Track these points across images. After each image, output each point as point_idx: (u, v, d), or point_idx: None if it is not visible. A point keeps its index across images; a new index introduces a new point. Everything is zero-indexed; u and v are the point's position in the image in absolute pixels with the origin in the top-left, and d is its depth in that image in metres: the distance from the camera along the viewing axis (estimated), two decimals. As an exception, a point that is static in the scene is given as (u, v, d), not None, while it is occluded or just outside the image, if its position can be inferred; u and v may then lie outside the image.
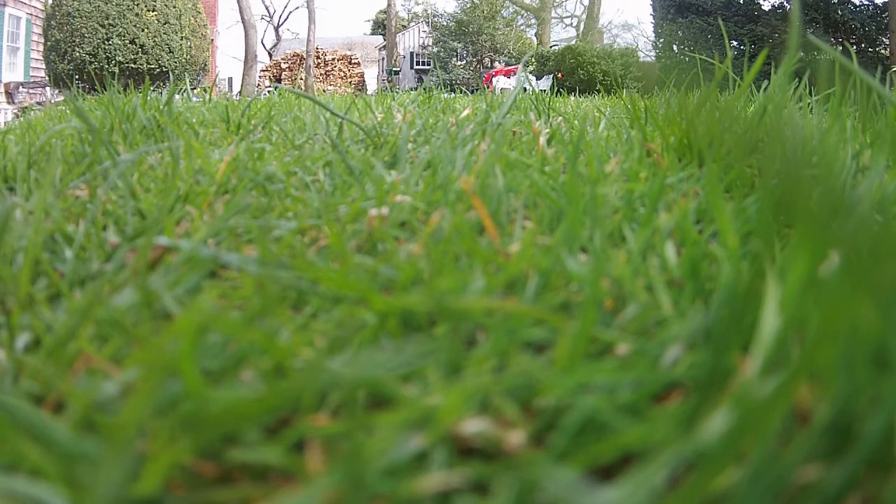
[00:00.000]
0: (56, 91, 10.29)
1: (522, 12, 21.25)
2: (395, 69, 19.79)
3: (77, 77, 9.78)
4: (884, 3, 10.80)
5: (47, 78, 10.73)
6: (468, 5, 19.96)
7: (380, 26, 27.11)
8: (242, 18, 15.65)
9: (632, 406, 0.27)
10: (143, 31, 10.48)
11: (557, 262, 0.37)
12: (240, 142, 0.96)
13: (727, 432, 0.22)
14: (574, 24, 24.66)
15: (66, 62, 10.24)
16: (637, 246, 0.42)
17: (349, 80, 19.75)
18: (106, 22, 10.30)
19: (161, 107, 1.26)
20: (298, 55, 19.73)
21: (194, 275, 0.41)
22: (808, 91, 0.92)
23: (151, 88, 1.41)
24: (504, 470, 0.24)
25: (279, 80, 19.49)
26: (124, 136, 1.10)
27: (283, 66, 20.13)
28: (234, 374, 0.30)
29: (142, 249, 0.37)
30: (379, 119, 1.26)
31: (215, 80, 5.56)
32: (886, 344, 0.24)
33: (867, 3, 10.94)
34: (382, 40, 23.74)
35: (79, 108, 0.77)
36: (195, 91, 2.82)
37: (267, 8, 26.57)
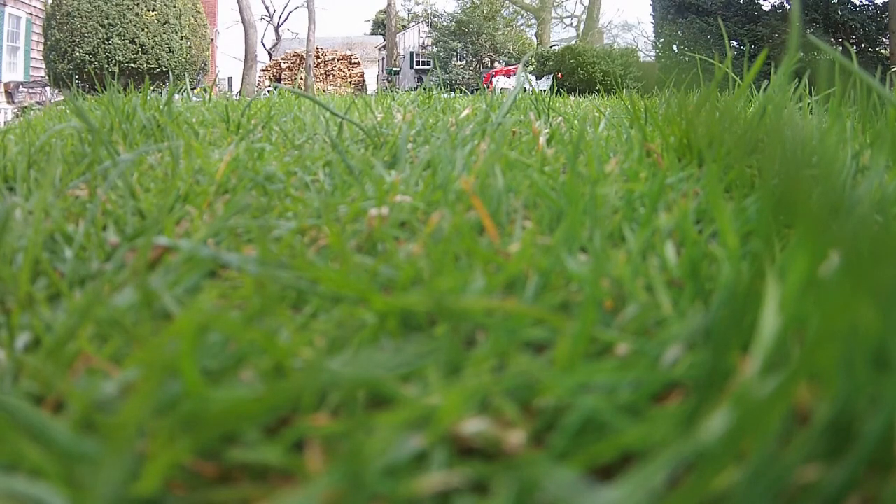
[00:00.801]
0: (56, 91, 10.29)
1: (522, 12, 21.26)
2: (395, 69, 19.79)
3: (77, 77, 9.78)
4: (884, 3, 10.80)
5: (47, 78, 10.73)
6: (468, 5, 19.97)
7: (380, 26, 27.11)
8: (242, 18, 15.65)
9: (632, 406, 0.27)
10: (143, 30, 10.49)
11: (557, 262, 0.37)
12: (240, 142, 0.96)
13: (727, 432, 0.22)
14: (574, 24, 24.67)
15: (66, 62, 10.24)
16: (637, 246, 0.42)
17: (349, 80, 19.75)
18: (106, 22, 10.30)
19: (161, 106, 1.26)
20: (298, 55, 19.73)
21: (194, 274, 0.41)
22: (808, 91, 0.92)
23: (151, 88, 1.41)
24: (504, 470, 0.24)
25: (279, 80, 19.48)
26: (124, 136, 1.10)
27: (283, 66, 20.13)
28: (234, 373, 0.30)
29: (141, 249, 0.37)
30: (379, 119, 1.26)
31: (215, 80, 5.56)
32: (886, 344, 0.24)
33: (867, 3, 10.94)
34: (382, 40, 23.75)
35: (79, 108, 0.77)
36: (195, 91, 2.82)
37: (267, 8, 26.58)
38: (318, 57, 19.27)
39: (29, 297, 0.39)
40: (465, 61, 19.99)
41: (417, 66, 21.62)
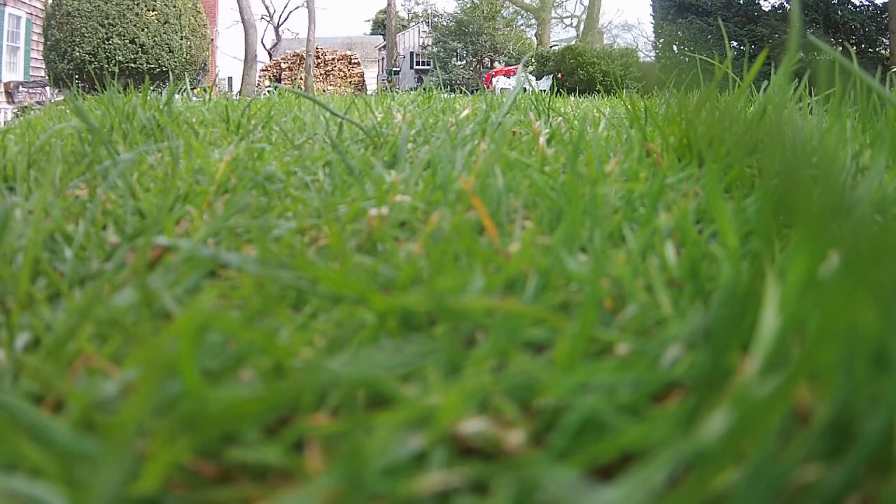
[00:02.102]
0: (56, 91, 10.29)
1: (522, 12, 21.28)
2: (395, 69, 19.79)
3: (77, 77, 9.78)
4: (884, 4, 10.81)
5: (47, 77, 10.73)
6: (468, 5, 20.00)
7: (380, 26, 27.11)
8: (242, 18, 15.64)
9: (631, 406, 0.27)
10: (143, 30, 10.49)
11: (557, 262, 0.37)
12: (239, 141, 0.96)
13: (727, 432, 0.22)
14: (574, 24, 24.69)
15: (66, 62, 10.24)
16: (637, 246, 0.42)
17: (349, 80, 19.74)
18: (106, 21, 10.30)
19: (161, 106, 1.26)
20: (298, 55, 19.72)
21: (194, 274, 0.41)
22: (808, 91, 0.92)
23: (151, 88, 1.41)
24: (503, 470, 0.24)
25: (279, 80, 19.46)
26: (124, 136, 1.10)
27: (283, 65, 20.12)
28: (234, 373, 0.30)
29: (141, 249, 0.37)
30: (379, 119, 1.26)
31: (215, 80, 5.56)
32: (886, 344, 0.24)
33: (867, 3, 10.95)
34: (382, 40, 23.74)
35: (79, 108, 0.77)
36: (195, 91, 2.82)
37: (267, 8, 26.59)
38: (318, 57, 19.25)
39: (29, 296, 0.39)
40: (465, 61, 20.02)
41: (417, 66, 21.64)
